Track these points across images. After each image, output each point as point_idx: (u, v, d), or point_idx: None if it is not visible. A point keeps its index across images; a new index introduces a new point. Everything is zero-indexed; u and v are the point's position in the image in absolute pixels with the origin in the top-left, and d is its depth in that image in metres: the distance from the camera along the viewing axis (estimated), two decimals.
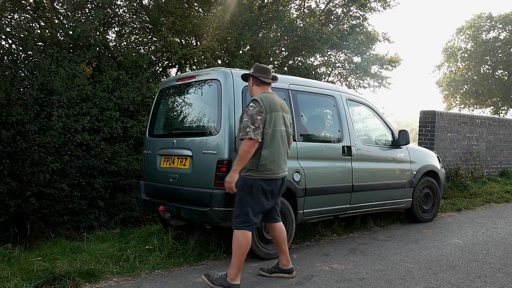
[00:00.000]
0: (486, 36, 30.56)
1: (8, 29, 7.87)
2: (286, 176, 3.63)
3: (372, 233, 5.51)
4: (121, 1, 10.17)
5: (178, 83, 4.84)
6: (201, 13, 11.22)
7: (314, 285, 3.55)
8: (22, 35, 7.67)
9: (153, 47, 10.40)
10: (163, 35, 9.91)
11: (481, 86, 30.33)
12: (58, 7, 9.09)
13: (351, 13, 14.64)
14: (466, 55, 31.60)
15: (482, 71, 30.99)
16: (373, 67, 15.61)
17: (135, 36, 10.71)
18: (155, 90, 7.97)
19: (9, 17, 8.51)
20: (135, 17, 10.60)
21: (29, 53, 7.50)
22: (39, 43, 7.92)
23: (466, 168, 9.55)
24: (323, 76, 13.24)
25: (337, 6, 14.50)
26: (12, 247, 4.61)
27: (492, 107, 31.99)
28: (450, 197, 8.17)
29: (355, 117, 5.35)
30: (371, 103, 5.76)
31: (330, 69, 15.16)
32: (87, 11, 9.22)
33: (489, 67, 31.13)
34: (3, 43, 7.93)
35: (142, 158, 5.38)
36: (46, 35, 8.11)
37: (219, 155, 4.00)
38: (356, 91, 9.44)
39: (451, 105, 33.19)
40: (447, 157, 9.23)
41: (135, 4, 10.32)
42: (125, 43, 9.86)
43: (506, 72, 30.50)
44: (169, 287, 3.52)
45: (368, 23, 15.26)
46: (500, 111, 31.49)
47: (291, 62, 12.88)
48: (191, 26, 9.86)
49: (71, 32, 7.90)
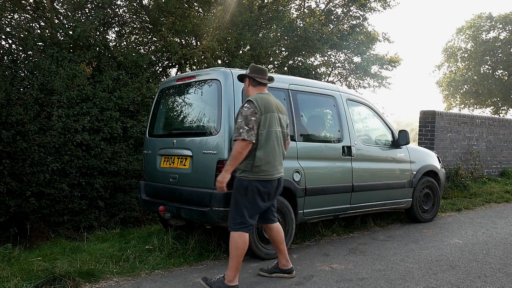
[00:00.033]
0: (486, 36, 30.56)
1: (8, 29, 7.87)
2: (282, 177, 3.60)
3: (372, 233, 5.51)
4: (121, 1, 10.18)
5: (178, 83, 4.84)
6: (201, 13, 11.23)
7: (314, 285, 3.55)
8: (22, 35, 7.67)
9: (153, 47, 10.40)
10: (163, 35, 9.91)
11: (481, 86, 30.33)
12: (58, 7, 9.09)
13: (351, 13, 14.65)
14: (466, 55, 31.61)
15: (482, 71, 30.99)
16: (373, 67, 15.62)
17: (135, 36, 10.72)
18: (155, 90, 7.97)
19: (9, 17, 8.51)
20: (135, 17, 10.60)
21: (29, 53, 7.50)
22: (39, 43, 7.92)
23: (466, 168, 9.55)
24: (323, 76, 13.24)
25: (337, 6, 14.51)
26: (12, 247, 4.61)
27: (492, 107, 32.00)
28: (450, 197, 8.17)
29: (355, 117, 5.35)
30: (371, 103, 5.76)
31: (330, 69, 15.17)
32: (87, 11, 9.23)
33: (489, 67, 31.13)
34: (3, 43, 7.95)
35: (142, 158, 5.38)
36: (46, 35, 8.11)
37: (219, 155, 4.00)
38: (356, 91, 9.44)
39: (451, 105, 33.19)
40: (447, 157, 9.23)
41: (135, 4, 10.32)
42: (125, 43, 9.86)
43: (506, 72, 30.50)
44: (169, 287, 3.52)
45: (368, 23, 15.29)
46: (500, 111, 31.50)
47: (291, 62, 12.88)
48: (191, 26, 9.86)
49: (71, 32, 7.90)
